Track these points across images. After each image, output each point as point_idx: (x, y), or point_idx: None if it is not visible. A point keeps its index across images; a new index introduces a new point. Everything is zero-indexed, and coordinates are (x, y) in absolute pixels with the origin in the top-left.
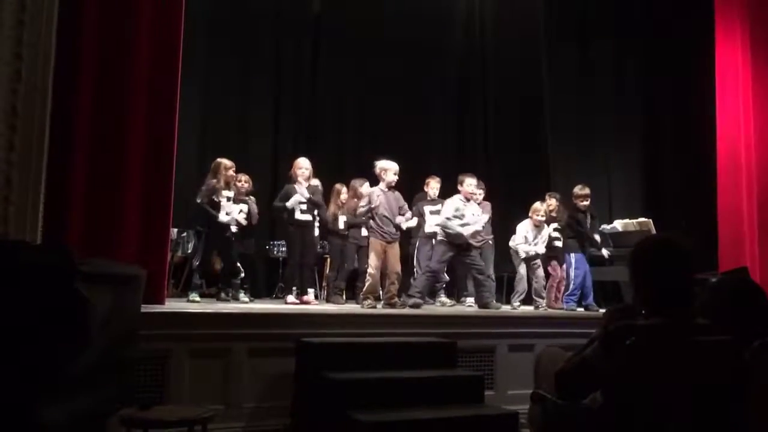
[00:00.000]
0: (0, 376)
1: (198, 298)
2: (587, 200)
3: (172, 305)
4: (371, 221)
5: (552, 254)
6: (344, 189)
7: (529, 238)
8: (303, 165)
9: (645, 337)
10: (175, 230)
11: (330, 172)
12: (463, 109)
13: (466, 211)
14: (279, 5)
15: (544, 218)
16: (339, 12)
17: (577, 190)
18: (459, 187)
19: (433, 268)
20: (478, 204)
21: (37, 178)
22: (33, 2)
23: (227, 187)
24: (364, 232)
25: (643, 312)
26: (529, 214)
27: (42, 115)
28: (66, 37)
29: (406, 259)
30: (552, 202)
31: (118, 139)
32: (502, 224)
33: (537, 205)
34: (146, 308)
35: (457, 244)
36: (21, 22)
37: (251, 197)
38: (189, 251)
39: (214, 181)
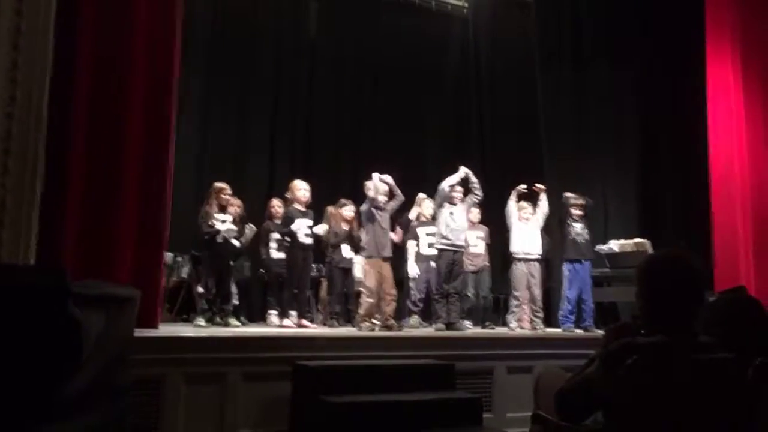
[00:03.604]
0: None
1: (203, 323)
2: (581, 210)
3: (166, 329)
4: (366, 235)
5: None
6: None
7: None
8: (302, 187)
9: (646, 356)
10: (170, 255)
11: (326, 195)
12: (458, 130)
13: (455, 210)
14: (276, 28)
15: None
16: (335, 35)
17: (572, 198)
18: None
19: (443, 289)
20: (474, 224)
21: (31, 202)
22: (28, 26)
23: (222, 210)
24: (349, 254)
25: (643, 331)
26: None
27: (36, 139)
28: (61, 61)
29: (401, 282)
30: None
31: (113, 161)
32: (498, 247)
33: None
34: (140, 332)
35: (454, 253)
36: (16, 46)
37: (250, 225)
38: (184, 276)
39: (207, 206)
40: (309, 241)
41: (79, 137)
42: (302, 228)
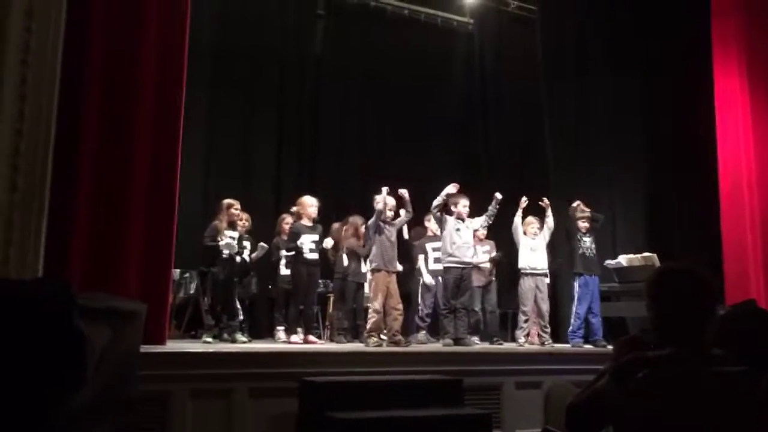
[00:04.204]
0: None
1: (211, 339)
2: (588, 223)
3: (173, 345)
4: (374, 248)
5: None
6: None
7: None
8: (312, 203)
9: (658, 369)
10: (177, 271)
11: (332, 211)
12: (464, 146)
13: (461, 226)
14: (282, 43)
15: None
16: (341, 50)
17: (579, 210)
18: (453, 208)
19: (450, 305)
20: (481, 240)
21: (39, 218)
22: (37, 43)
23: (231, 226)
24: (363, 268)
25: (653, 344)
26: (523, 229)
27: (45, 156)
28: (70, 75)
29: (409, 297)
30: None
31: (120, 178)
32: (506, 262)
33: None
34: (146, 348)
35: (462, 269)
36: (25, 62)
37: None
38: (191, 292)
39: (217, 221)
40: (314, 256)
41: (87, 154)
42: (307, 243)
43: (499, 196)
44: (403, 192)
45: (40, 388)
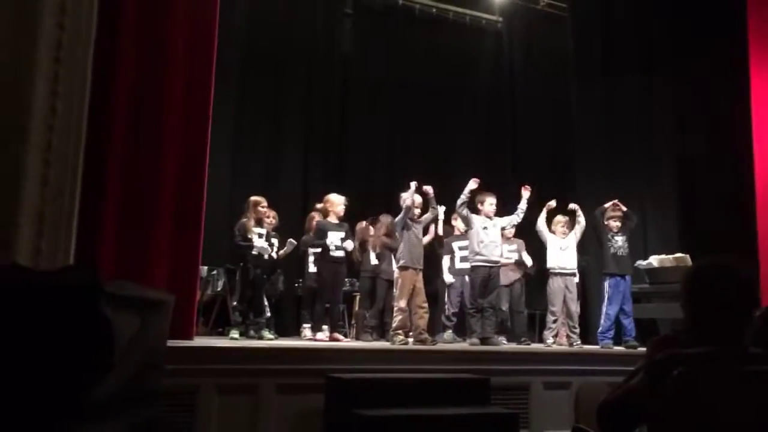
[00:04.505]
0: (21, 400)
1: (237, 336)
2: (619, 221)
3: (200, 341)
4: (401, 245)
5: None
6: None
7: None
8: (339, 202)
9: (694, 367)
10: (205, 268)
11: (358, 209)
12: (491, 145)
13: (489, 225)
14: (309, 43)
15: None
16: (368, 51)
17: (609, 210)
18: (479, 207)
19: (478, 304)
20: (509, 238)
21: (70, 214)
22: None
23: (259, 224)
24: (394, 265)
25: (688, 343)
26: (552, 229)
27: (76, 151)
28: (100, 72)
29: (435, 296)
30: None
31: (150, 175)
32: (534, 261)
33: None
34: (174, 343)
35: (490, 268)
36: (57, 59)
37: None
38: (219, 289)
39: (245, 219)
40: (340, 254)
41: (117, 149)
42: (333, 241)
43: (526, 194)
44: (428, 189)
45: (67, 374)
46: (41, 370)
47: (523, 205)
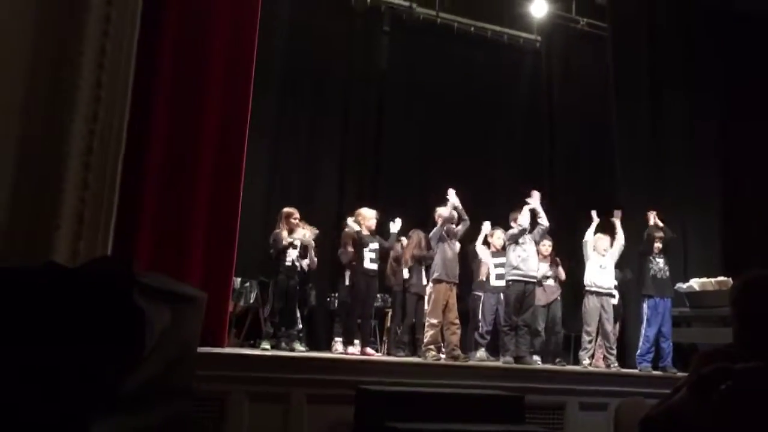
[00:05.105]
0: (53, 390)
1: (269, 347)
2: (660, 243)
3: (232, 350)
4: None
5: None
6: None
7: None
8: (371, 216)
9: (743, 381)
10: (238, 280)
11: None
12: (530, 162)
13: (525, 238)
14: (347, 60)
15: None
16: (406, 67)
17: (655, 231)
18: (512, 224)
19: (512, 321)
20: (545, 257)
21: (108, 219)
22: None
23: (291, 235)
24: (424, 280)
25: (736, 357)
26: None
27: (116, 156)
28: (141, 79)
29: (467, 314)
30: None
31: (185, 184)
32: (570, 281)
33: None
34: (206, 350)
35: (525, 284)
36: (101, 65)
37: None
38: (251, 301)
39: (278, 230)
40: (373, 267)
41: (155, 157)
42: (366, 254)
43: (530, 201)
44: (455, 200)
45: (98, 363)
46: (73, 359)
47: (541, 215)
